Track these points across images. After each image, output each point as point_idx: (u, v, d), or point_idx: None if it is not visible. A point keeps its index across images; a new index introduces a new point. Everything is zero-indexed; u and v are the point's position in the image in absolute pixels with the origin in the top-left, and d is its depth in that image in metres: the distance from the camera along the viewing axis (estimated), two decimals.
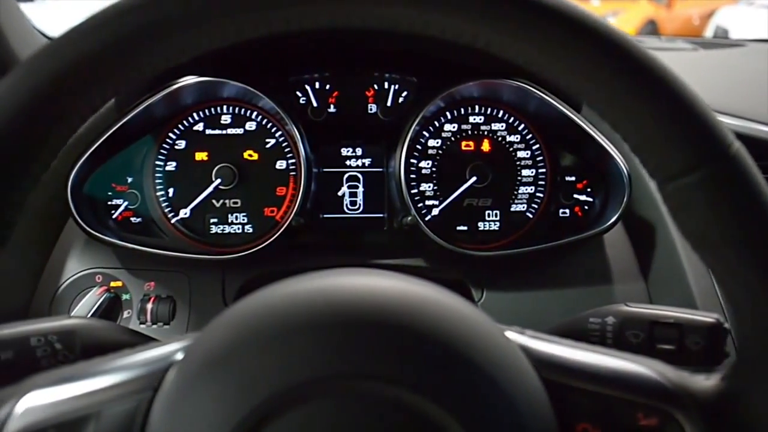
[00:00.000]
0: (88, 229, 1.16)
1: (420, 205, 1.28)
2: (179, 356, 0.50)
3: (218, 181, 1.23)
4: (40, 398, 0.47)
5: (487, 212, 1.29)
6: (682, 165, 0.44)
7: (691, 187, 0.44)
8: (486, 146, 1.28)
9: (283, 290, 0.48)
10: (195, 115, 1.25)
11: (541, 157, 1.29)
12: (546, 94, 1.20)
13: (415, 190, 1.27)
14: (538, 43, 0.45)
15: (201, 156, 1.25)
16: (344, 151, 1.30)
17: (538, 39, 0.45)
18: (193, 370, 0.45)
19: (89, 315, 1.12)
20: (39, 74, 0.44)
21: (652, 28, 9.46)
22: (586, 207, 1.30)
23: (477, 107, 1.28)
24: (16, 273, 1.18)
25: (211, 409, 0.42)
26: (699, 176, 0.44)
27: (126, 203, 1.25)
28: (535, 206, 1.29)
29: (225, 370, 0.44)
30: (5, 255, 1.05)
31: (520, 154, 1.29)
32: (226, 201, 1.25)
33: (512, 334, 0.53)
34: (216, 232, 1.26)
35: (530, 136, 1.29)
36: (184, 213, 1.25)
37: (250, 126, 1.26)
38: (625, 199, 1.19)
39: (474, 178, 1.26)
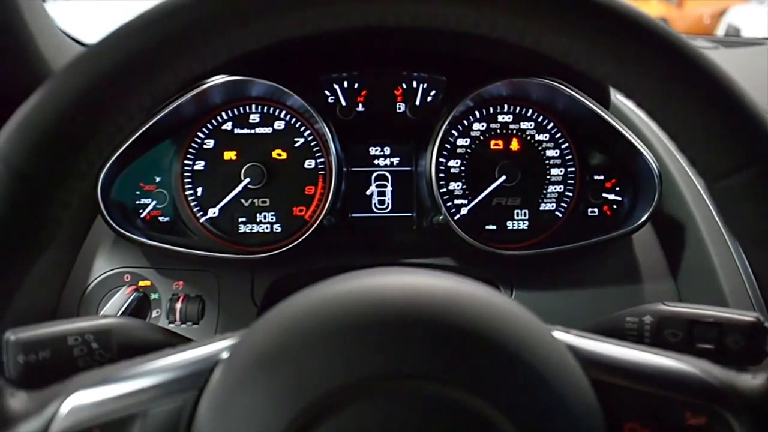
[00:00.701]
0: (117, 228, 1.16)
1: (449, 204, 1.27)
2: (224, 355, 0.50)
3: (247, 180, 1.23)
4: (85, 398, 0.47)
5: (515, 211, 1.28)
6: (733, 163, 0.44)
7: (742, 186, 0.44)
8: (515, 145, 1.28)
9: (333, 288, 0.48)
10: (224, 114, 1.25)
11: (569, 156, 1.28)
12: (575, 92, 1.19)
13: (444, 189, 1.27)
14: (588, 42, 0.44)
15: (230, 155, 1.25)
16: (373, 150, 1.30)
17: (589, 39, 0.44)
18: (242, 368, 0.45)
19: (119, 314, 1.12)
20: (85, 74, 0.44)
21: None
22: (615, 206, 1.29)
23: (506, 106, 1.28)
24: (44, 272, 1.18)
25: (262, 407, 0.42)
26: (750, 174, 0.44)
27: (154, 203, 1.25)
28: (564, 205, 1.29)
29: (277, 368, 0.43)
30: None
31: (549, 152, 1.28)
32: (255, 200, 1.25)
33: (559, 334, 0.52)
34: (245, 232, 1.26)
35: (559, 134, 1.28)
36: (213, 212, 1.25)
37: (279, 125, 1.26)
38: (655, 199, 1.18)
39: (503, 177, 1.25)
